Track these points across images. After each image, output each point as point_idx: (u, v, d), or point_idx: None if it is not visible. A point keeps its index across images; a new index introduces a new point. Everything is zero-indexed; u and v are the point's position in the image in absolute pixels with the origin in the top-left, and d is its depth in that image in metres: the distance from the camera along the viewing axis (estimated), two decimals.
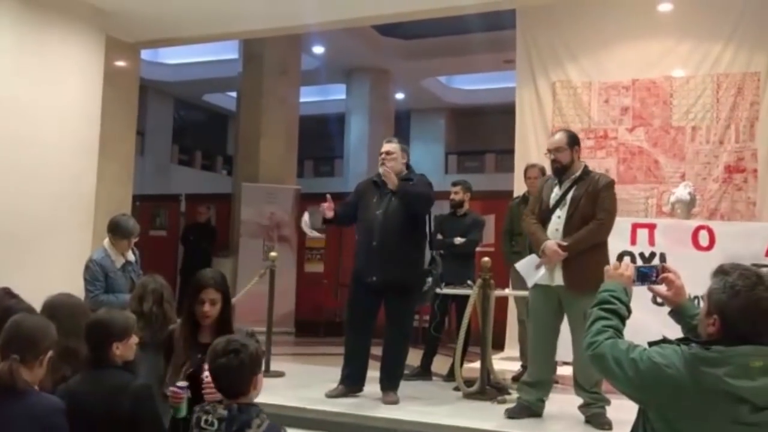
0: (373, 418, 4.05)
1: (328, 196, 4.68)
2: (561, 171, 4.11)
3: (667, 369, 1.72)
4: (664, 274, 2.02)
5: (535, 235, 4.11)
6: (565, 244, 3.95)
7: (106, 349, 2.45)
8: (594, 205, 3.99)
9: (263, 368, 2.57)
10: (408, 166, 4.70)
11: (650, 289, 2.05)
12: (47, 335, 2.24)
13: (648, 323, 3.37)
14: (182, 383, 2.44)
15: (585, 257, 3.94)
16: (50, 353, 2.23)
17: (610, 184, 4.11)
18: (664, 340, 1.80)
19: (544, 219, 4.11)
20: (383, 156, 4.62)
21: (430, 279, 4.55)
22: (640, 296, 2.21)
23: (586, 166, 4.18)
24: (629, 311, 1.95)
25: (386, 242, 4.43)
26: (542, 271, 4.04)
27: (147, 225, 9.35)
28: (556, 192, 4.13)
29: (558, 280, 4.01)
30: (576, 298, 3.92)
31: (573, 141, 4.16)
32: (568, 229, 4.00)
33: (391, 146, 4.66)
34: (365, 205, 4.61)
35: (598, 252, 4.01)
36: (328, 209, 4.60)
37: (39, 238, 5.62)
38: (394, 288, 4.45)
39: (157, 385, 2.75)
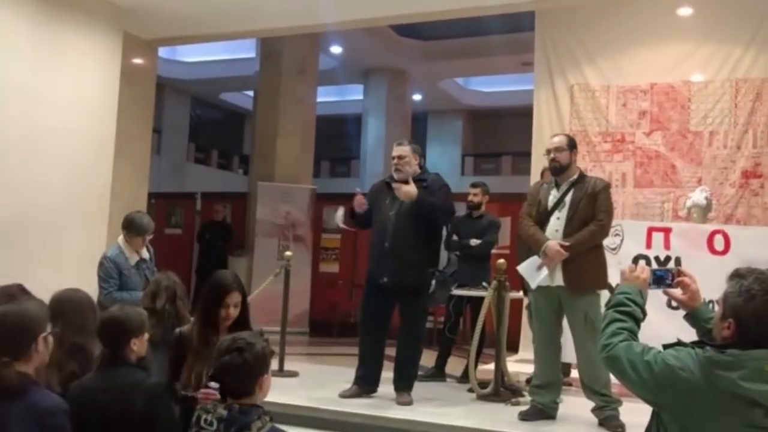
0: (386, 419, 4.06)
1: (358, 189, 4.68)
2: (559, 170, 4.17)
3: (681, 372, 1.72)
4: (680, 278, 2.02)
5: (534, 236, 4.14)
6: (567, 244, 4.00)
7: (122, 346, 2.45)
8: (593, 207, 4.06)
9: (276, 368, 2.52)
10: (421, 166, 4.70)
11: (665, 293, 2.05)
12: (33, 320, 2.14)
13: (662, 327, 3.35)
14: (214, 384, 2.41)
15: (584, 258, 4.01)
16: (44, 334, 2.14)
17: (607, 186, 4.21)
18: (679, 343, 1.80)
19: (542, 221, 4.16)
20: (396, 161, 4.61)
21: (434, 282, 4.52)
22: (655, 299, 2.21)
23: (581, 171, 4.26)
24: (644, 314, 1.95)
25: (398, 244, 4.43)
26: (544, 272, 4.08)
27: (162, 223, 9.43)
28: (554, 194, 4.18)
29: (558, 280, 4.06)
30: (575, 298, 4.02)
31: (572, 144, 4.26)
32: (569, 230, 4.06)
33: (403, 150, 4.62)
34: (378, 206, 4.61)
35: (596, 253, 4.10)
36: (362, 203, 4.59)
37: (53, 234, 5.67)
38: (405, 289, 4.45)
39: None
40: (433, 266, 4.55)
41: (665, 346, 1.80)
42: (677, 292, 2.03)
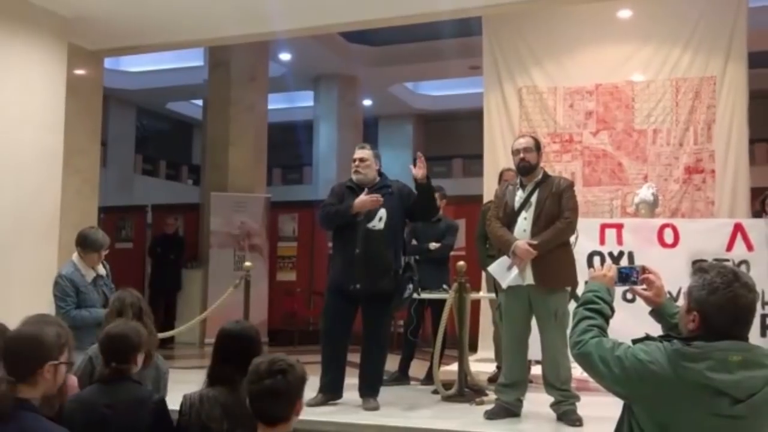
0: (355, 426, 4.06)
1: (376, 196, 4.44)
2: (529, 170, 4.25)
3: (651, 365, 1.78)
4: (645, 275, 2.09)
5: (503, 237, 4.21)
6: (535, 242, 4.08)
7: (129, 362, 2.45)
8: (558, 205, 4.15)
9: None
10: (380, 173, 4.72)
11: (631, 290, 2.12)
12: (45, 346, 2.06)
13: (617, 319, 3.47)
14: None
15: (553, 256, 4.09)
16: (53, 362, 2.06)
17: (571, 185, 4.32)
18: (648, 337, 1.87)
19: (510, 222, 4.23)
20: (357, 163, 4.61)
21: (410, 286, 4.54)
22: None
23: (545, 171, 4.36)
24: (612, 310, 2.02)
25: (370, 249, 4.40)
26: (515, 271, 4.14)
27: (112, 237, 9.08)
28: (520, 195, 4.25)
29: (529, 279, 4.13)
30: (545, 295, 4.10)
31: (538, 145, 4.36)
32: (536, 229, 4.14)
33: (365, 153, 4.64)
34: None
35: (564, 251, 4.19)
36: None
37: (1, 252, 5.48)
38: (376, 296, 4.44)
39: None
40: (399, 272, 4.55)
41: (634, 341, 1.87)
42: (642, 288, 2.10)
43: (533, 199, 4.20)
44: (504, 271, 4.17)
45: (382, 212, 4.46)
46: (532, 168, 4.25)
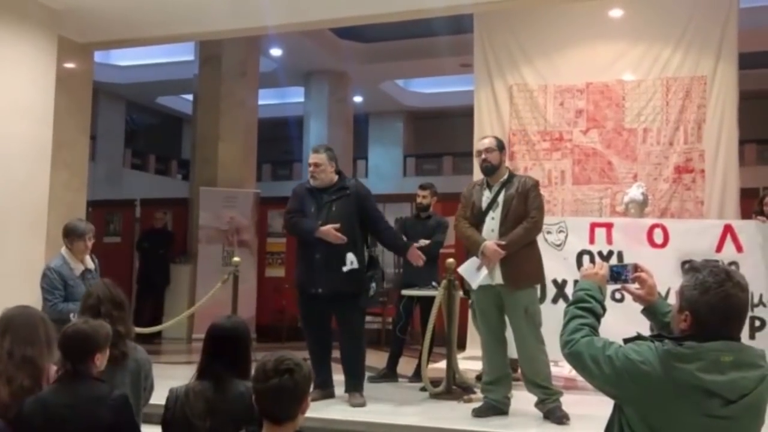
0: (343, 422, 4.06)
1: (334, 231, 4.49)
2: (491, 171, 4.30)
3: (642, 365, 1.76)
4: (637, 273, 2.07)
5: (471, 238, 4.25)
6: (503, 243, 4.11)
7: (88, 361, 2.40)
8: (525, 204, 4.20)
9: None
10: (339, 173, 4.66)
11: (623, 288, 2.11)
12: None
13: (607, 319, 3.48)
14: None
15: (521, 255, 4.14)
16: None
17: (537, 184, 4.36)
18: (639, 337, 1.85)
19: (478, 222, 4.27)
20: (312, 169, 4.58)
21: (373, 284, 4.56)
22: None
23: (510, 171, 4.40)
24: (604, 309, 2.01)
25: (329, 254, 4.41)
26: (484, 272, 4.18)
27: (101, 232, 9.08)
28: (487, 195, 4.29)
29: (498, 279, 4.17)
30: (514, 294, 4.15)
31: (501, 145, 4.40)
32: (504, 229, 4.18)
33: (319, 157, 4.57)
34: (304, 214, 4.57)
35: (531, 249, 4.24)
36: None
37: None
38: (339, 297, 4.46)
39: None
40: (363, 269, 4.54)
41: (626, 341, 1.85)
42: (634, 287, 2.09)
43: (500, 199, 4.24)
44: (474, 272, 4.21)
45: (350, 256, 4.46)
46: (495, 168, 4.29)
